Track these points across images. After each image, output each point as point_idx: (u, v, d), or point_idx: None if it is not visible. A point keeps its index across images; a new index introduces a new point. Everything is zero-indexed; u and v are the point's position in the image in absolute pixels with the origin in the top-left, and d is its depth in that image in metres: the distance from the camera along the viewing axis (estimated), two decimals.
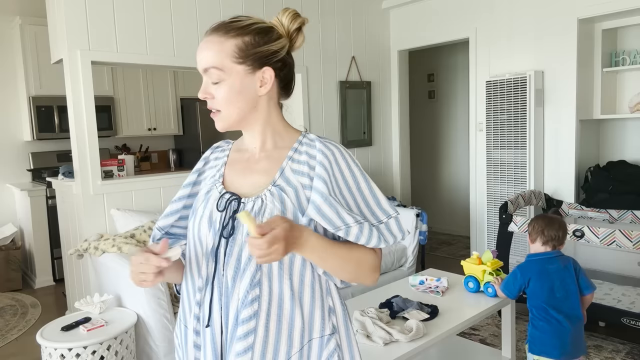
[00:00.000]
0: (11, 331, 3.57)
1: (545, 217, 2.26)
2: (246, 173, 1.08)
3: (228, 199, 1.04)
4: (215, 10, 3.74)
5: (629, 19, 3.66)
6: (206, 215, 1.05)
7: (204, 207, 1.06)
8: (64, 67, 3.17)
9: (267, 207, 0.99)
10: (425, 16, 4.76)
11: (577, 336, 2.11)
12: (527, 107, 3.85)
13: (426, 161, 6.36)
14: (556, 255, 2.17)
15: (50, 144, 5.08)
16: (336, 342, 1.04)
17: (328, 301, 1.06)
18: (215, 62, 0.98)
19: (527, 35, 4.01)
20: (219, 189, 1.07)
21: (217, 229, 1.03)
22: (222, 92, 1.00)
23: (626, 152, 3.98)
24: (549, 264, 2.15)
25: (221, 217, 1.03)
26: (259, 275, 0.98)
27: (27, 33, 4.62)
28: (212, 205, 1.05)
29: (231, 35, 0.99)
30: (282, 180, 1.03)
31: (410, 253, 3.90)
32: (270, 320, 0.98)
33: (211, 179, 1.11)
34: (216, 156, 1.16)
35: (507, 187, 4.05)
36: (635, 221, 3.48)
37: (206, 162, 1.17)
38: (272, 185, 1.02)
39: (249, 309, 0.97)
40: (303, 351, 1.01)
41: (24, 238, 4.83)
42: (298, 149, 1.06)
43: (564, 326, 2.08)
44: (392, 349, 2.01)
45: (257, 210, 1.00)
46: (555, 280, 2.12)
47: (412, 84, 5.59)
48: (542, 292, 2.12)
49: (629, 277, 3.46)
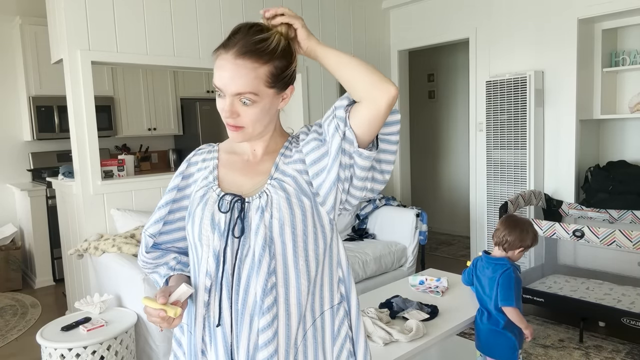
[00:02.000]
0: (11, 331, 3.57)
1: (507, 218, 2.22)
2: (248, 174, 1.10)
3: (231, 200, 1.06)
4: (215, 10, 3.74)
5: (629, 19, 3.66)
6: (207, 217, 1.06)
7: (203, 210, 1.07)
8: (64, 67, 3.17)
9: (273, 198, 1.04)
10: (425, 16, 4.76)
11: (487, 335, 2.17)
12: (527, 107, 3.85)
13: (426, 161, 6.36)
14: (494, 262, 2.15)
15: (50, 144, 5.08)
16: (344, 310, 1.12)
17: (338, 272, 1.12)
18: (252, 88, 0.99)
19: (527, 35, 4.01)
20: (216, 191, 1.08)
21: (222, 230, 1.04)
22: (252, 113, 1.02)
23: (626, 152, 3.98)
24: (481, 269, 2.22)
25: (225, 218, 1.04)
26: (273, 263, 1.02)
27: (27, 33, 4.62)
28: (212, 207, 1.06)
29: (264, 61, 1.00)
30: (278, 173, 1.08)
31: (410, 253, 3.90)
32: (289, 304, 1.03)
33: (203, 180, 1.12)
34: (203, 158, 1.16)
35: (507, 187, 4.05)
36: (635, 221, 3.48)
37: (189, 165, 1.17)
38: (270, 179, 1.07)
39: (270, 297, 1.01)
40: (316, 324, 1.08)
41: (24, 238, 4.83)
42: (288, 147, 1.12)
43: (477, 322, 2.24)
44: (392, 349, 2.01)
45: (264, 204, 1.04)
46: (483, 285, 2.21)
47: (412, 84, 5.59)
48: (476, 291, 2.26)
49: (629, 277, 3.46)
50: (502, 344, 2.12)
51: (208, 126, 5.74)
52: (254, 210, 1.05)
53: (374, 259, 3.63)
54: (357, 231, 4.14)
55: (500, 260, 2.14)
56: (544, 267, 3.75)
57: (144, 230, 1.17)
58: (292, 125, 1.19)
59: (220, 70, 1.00)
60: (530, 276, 3.60)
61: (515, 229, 2.13)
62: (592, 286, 3.37)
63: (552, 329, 3.27)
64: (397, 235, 3.94)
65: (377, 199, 4.17)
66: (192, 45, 3.62)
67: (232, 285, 1.03)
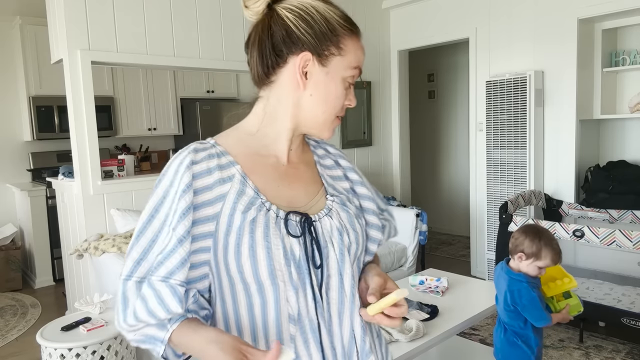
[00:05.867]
0: (11, 331, 3.57)
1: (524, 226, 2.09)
2: (293, 182, 0.92)
3: (300, 220, 0.86)
4: (215, 10, 3.74)
5: (629, 19, 3.66)
6: (278, 246, 0.82)
7: (266, 237, 0.82)
8: (64, 67, 3.17)
9: (342, 216, 0.91)
10: (425, 16, 4.76)
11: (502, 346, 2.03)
12: (527, 107, 3.85)
13: (426, 161, 6.36)
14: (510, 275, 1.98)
15: (50, 144, 5.08)
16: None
17: None
18: None
19: (527, 35, 4.01)
20: (273, 209, 0.85)
21: (297, 259, 0.84)
22: None
23: (626, 152, 3.98)
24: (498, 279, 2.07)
25: (300, 244, 0.84)
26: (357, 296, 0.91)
27: (27, 33, 4.62)
28: (277, 232, 0.83)
29: None
30: (331, 188, 0.96)
31: (410, 253, 3.90)
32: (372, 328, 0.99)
33: (240, 196, 0.84)
34: (208, 166, 0.85)
35: (507, 187, 4.05)
36: (635, 221, 3.48)
37: (195, 177, 0.83)
38: (329, 195, 0.94)
39: (368, 336, 0.92)
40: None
41: (24, 238, 4.82)
42: (314, 151, 1.01)
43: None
44: (392, 349, 2.01)
45: (340, 224, 0.90)
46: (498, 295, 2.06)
47: (412, 84, 5.58)
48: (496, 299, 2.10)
49: (629, 277, 3.46)
50: (517, 356, 2.00)
51: (208, 126, 5.74)
52: (328, 231, 0.88)
53: None
54: None
55: (517, 276, 1.93)
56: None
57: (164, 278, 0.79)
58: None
59: (360, 52, 0.91)
60: None
61: (521, 234, 1.98)
62: (592, 286, 3.36)
63: (552, 328, 3.27)
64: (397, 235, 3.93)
65: None
66: (192, 45, 3.62)
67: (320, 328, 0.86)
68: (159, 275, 0.80)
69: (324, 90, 0.87)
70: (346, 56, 0.88)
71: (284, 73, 0.87)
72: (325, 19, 0.87)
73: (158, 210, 0.83)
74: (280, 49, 0.86)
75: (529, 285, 1.91)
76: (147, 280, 0.81)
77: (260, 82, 0.90)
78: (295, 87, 0.87)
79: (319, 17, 0.87)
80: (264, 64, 0.88)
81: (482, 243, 4.41)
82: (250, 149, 0.90)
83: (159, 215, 0.82)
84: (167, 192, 0.83)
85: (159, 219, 0.82)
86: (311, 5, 0.87)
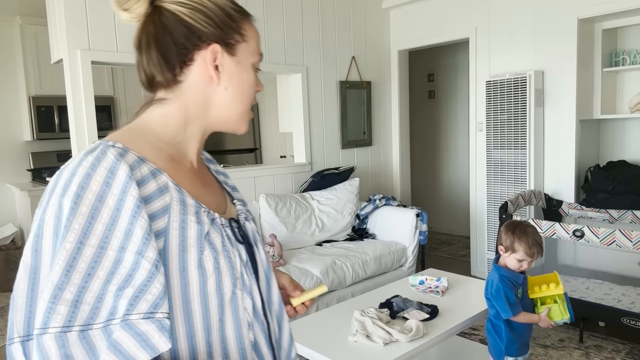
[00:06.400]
0: None
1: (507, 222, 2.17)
2: (207, 187, 0.87)
3: (237, 226, 0.85)
4: None
5: (629, 19, 3.66)
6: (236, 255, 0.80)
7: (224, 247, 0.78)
8: (64, 67, 3.17)
9: (252, 220, 0.92)
10: (425, 16, 4.76)
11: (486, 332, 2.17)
12: (527, 107, 3.85)
13: (426, 161, 6.36)
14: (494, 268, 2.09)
15: (50, 144, 5.08)
16: None
17: None
18: None
19: (527, 35, 4.01)
20: (215, 216, 0.80)
21: (246, 265, 0.83)
22: None
23: (626, 152, 3.98)
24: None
25: (244, 249, 0.83)
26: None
27: (27, 33, 4.62)
28: (227, 240, 0.79)
29: None
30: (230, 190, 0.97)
31: (410, 253, 3.90)
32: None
33: (185, 206, 0.75)
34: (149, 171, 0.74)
35: (507, 187, 4.05)
36: (635, 221, 3.48)
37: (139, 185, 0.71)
38: (235, 200, 0.95)
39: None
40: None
41: (24, 238, 4.82)
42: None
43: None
44: (392, 349, 2.01)
45: (255, 230, 0.90)
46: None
47: (412, 84, 5.59)
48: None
49: (629, 277, 3.46)
50: (492, 344, 2.14)
51: None
52: (252, 236, 0.87)
53: (374, 259, 3.63)
54: (357, 231, 4.14)
55: (496, 268, 2.05)
56: (544, 267, 3.75)
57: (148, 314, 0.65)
58: (292, 125, 1.15)
59: (258, 36, 0.87)
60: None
61: (502, 228, 2.08)
62: (592, 286, 3.37)
63: (552, 328, 3.27)
64: (397, 235, 3.94)
65: (377, 199, 4.17)
66: None
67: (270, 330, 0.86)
68: (141, 312, 0.64)
69: (239, 81, 0.83)
70: (249, 42, 0.84)
71: (193, 71, 0.81)
72: (219, 7, 0.81)
73: (86, 236, 0.64)
74: (184, 47, 0.79)
75: (501, 278, 2.01)
76: (123, 323, 0.63)
77: (166, 84, 0.82)
78: (207, 83, 0.81)
79: (213, 6, 0.81)
80: (169, 65, 0.80)
81: (482, 243, 4.41)
82: (165, 153, 0.80)
83: (90, 241, 0.64)
84: (96, 210, 0.65)
85: (92, 246, 0.64)
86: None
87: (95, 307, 0.63)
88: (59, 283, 0.62)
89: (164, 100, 0.84)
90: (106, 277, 0.64)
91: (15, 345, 0.65)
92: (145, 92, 0.89)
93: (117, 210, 0.66)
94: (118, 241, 0.65)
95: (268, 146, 6.38)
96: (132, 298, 0.64)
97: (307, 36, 4.31)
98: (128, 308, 0.64)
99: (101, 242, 0.65)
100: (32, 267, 0.66)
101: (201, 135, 0.86)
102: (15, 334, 0.65)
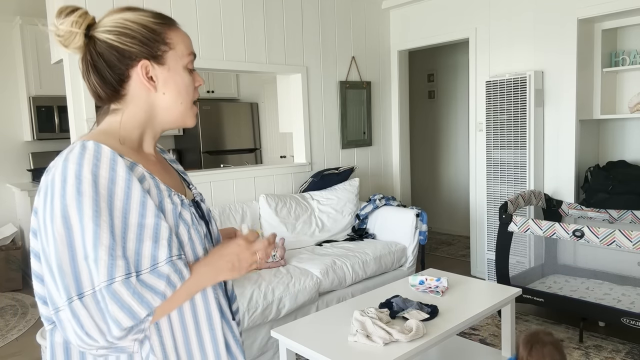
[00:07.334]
0: (11, 331, 3.57)
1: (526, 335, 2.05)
2: (169, 174, 1.04)
3: (196, 205, 1.05)
4: (215, 10, 3.74)
5: (629, 19, 3.66)
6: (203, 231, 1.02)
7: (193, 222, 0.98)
8: (64, 67, 3.17)
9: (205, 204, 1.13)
10: (425, 16, 4.76)
11: None
12: (527, 107, 3.85)
13: (426, 161, 6.36)
14: None
15: (51, 144, 5.08)
16: None
17: None
18: None
19: (527, 35, 4.01)
20: (182, 198, 0.98)
21: (202, 238, 1.00)
22: None
23: (626, 152, 3.98)
24: None
25: (202, 225, 1.02)
26: None
27: (27, 33, 4.62)
28: (195, 218, 0.99)
29: None
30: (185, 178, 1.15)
31: (410, 253, 3.90)
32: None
33: (158, 189, 0.93)
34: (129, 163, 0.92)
35: (507, 187, 4.05)
36: (635, 221, 3.49)
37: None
38: (190, 185, 1.12)
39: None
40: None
41: (24, 238, 4.82)
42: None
43: None
44: (392, 349, 2.01)
45: (208, 209, 1.11)
46: None
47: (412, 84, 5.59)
48: None
49: (629, 277, 3.47)
50: None
51: (208, 126, 5.74)
52: (207, 214, 1.09)
53: (374, 259, 3.63)
54: (357, 231, 4.14)
55: None
56: (543, 267, 3.75)
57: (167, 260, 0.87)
58: (292, 125, 1.19)
59: (187, 38, 1.02)
60: (530, 276, 3.60)
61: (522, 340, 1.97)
62: (592, 286, 3.37)
63: (552, 328, 3.27)
64: (397, 235, 3.94)
65: (377, 199, 4.17)
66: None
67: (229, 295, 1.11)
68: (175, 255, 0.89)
69: (174, 85, 0.97)
70: (177, 47, 0.98)
71: (132, 85, 0.95)
72: (142, 25, 0.95)
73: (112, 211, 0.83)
74: (119, 68, 0.94)
75: None
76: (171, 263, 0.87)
77: (113, 98, 0.97)
78: (147, 92, 0.96)
79: (136, 27, 0.94)
80: (108, 85, 0.95)
81: (482, 243, 4.41)
82: (132, 150, 0.96)
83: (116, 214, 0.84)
84: (112, 191, 0.85)
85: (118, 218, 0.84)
86: (123, 19, 0.94)
87: (136, 259, 0.83)
88: (111, 244, 0.81)
89: (116, 110, 0.98)
90: (136, 237, 0.84)
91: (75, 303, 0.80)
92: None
93: (128, 188, 0.86)
94: (136, 211, 0.85)
95: (268, 146, 6.38)
96: (167, 247, 0.87)
97: (307, 36, 4.31)
98: (168, 253, 0.87)
99: (123, 214, 0.84)
100: (68, 242, 0.81)
101: (155, 133, 1.02)
102: (73, 293, 0.80)
